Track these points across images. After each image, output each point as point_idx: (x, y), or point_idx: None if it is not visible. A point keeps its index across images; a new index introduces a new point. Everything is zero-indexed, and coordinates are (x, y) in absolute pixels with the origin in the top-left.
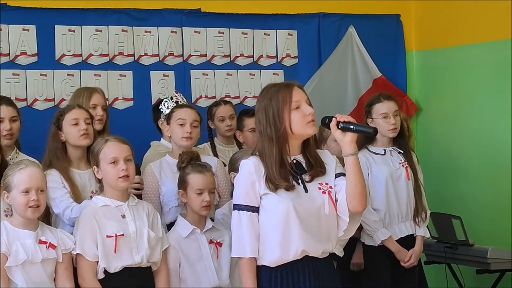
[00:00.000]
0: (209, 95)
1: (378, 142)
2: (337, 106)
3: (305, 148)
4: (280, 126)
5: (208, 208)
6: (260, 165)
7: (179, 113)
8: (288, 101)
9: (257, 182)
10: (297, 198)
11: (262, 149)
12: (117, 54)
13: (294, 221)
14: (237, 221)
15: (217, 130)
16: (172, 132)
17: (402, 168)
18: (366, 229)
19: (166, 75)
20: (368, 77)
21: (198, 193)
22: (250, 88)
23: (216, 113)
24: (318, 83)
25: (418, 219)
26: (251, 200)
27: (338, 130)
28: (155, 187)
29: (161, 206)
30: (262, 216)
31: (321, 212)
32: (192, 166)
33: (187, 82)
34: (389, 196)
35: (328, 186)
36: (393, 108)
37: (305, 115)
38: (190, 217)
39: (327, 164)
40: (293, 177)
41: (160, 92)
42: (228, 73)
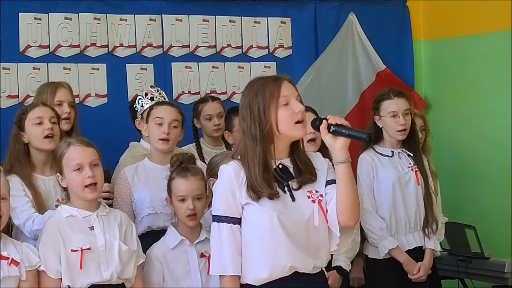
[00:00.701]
0: (192, 90)
1: (386, 142)
2: (336, 103)
3: (293, 151)
4: (265, 123)
5: (193, 218)
6: (240, 171)
7: (157, 111)
8: (275, 96)
9: (238, 190)
10: (283, 208)
11: (244, 150)
12: (89, 45)
13: (279, 234)
14: (216, 234)
15: (203, 130)
16: (149, 133)
17: (411, 172)
18: (371, 238)
19: (144, 69)
20: (371, 70)
21: (180, 200)
22: (238, 82)
23: (202, 111)
24: (314, 77)
25: (428, 230)
26: (232, 210)
27: (328, 134)
28: (127, 194)
29: (134, 215)
30: (245, 229)
31: (310, 224)
32: (177, 171)
33: (168, 76)
34: (396, 203)
35: (318, 194)
36: (404, 107)
37: (294, 113)
38: (180, 227)
39: (318, 170)
40: (279, 184)
41: (138, 87)
42: (213, 66)
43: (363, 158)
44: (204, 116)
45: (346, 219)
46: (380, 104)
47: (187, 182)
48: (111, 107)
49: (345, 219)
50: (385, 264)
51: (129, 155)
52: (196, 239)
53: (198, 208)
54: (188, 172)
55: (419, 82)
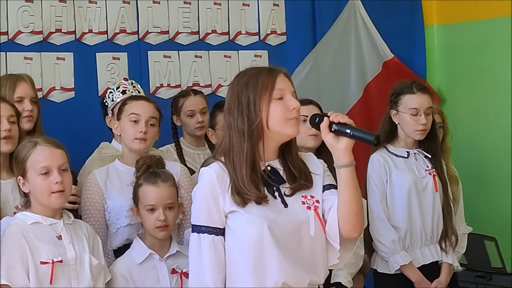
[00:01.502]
0: (172, 83)
1: (401, 142)
2: (336, 97)
3: (284, 153)
4: (254, 117)
5: (164, 229)
6: (224, 174)
7: (132, 106)
8: (269, 87)
9: (221, 197)
10: (273, 216)
11: (229, 147)
12: (53, 32)
13: (270, 245)
14: (196, 246)
15: (184, 127)
16: (123, 131)
17: (429, 177)
18: (381, 251)
19: (117, 58)
20: (377, 60)
21: (149, 210)
22: (225, 74)
23: (183, 106)
24: (312, 67)
25: (446, 244)
26: (213, 220)
27: (330, 133)
28: (99, 201)
29: (107, 226)
30: (229, 240)
31: (305, 233)
32: (145, 176)
33: (144, 66)
34: (412, 211)
35: (314, 200)
36: (426, 104)
37: (288, 109)
38: (148, 239)
39: (313, 173)
40: (268, 188)
41: (109, 79)
42: (196, 55)
43: (375, 159)
44: (185, 112)
45: (349, 230)
46: (400, 97)
47: (157, 189)
48: (79, 102)
49: (348, 230)
50: (396, 280)
51: (96, 157)
52: (166, 253)
53: (169, 218)
54: (158, 178)
55: (431, 72)
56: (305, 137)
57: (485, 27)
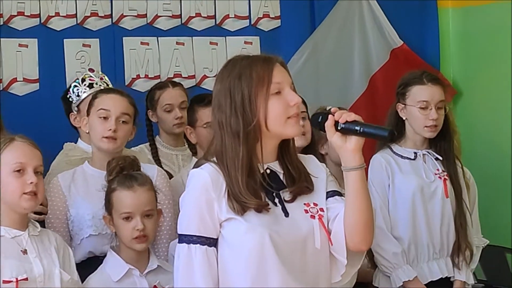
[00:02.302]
0: (150, 74)
1: (408, 141)
2: (337, 89)
3: (282, 153)
4: (251, 117)
5: (142, 240)
6: (219, 176)
7: (102, 101)
8: (266, 81)
9: (216, 202)
10: (275, 225)
11: (222, 149)
12: (15, 15)
13: (271, 258)
14: (186, 259)
15: (160, 124)
16: (91, 128)
17: (439, 181)
18: (382, 266)
19: (87, 45)
20: (384, 47)
21: (125, 219)
22: (210, 63)
23: (160, 100)
24: (310, 56)
25: (459, 259)
26: (207, 229)
27: (336, 132)
28: (61, 209)
29: (70, 236)
30: (224, 252)
31: (309, 245)
32: (119, 180)
33: (119, 55)
34: (417, 220)
35: (317, 208)
36: (438, 97)
37: (287, 105)
38: (124, 253)
39: (315, 177)
40: (267, 194)
41: (79, 69)
42: (178, 42)
43: (376, 160)
44: (162, 107)
45: (357, 242)
46: (408, 89)
47: (133, 194)
48: (44, 95)
49: (356, 242)
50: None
51: (63, 160)
52: (146, 268)
53: (148, 227)
54: (134, 181)
55: (446, 62)
56: None
57: (507, 10)
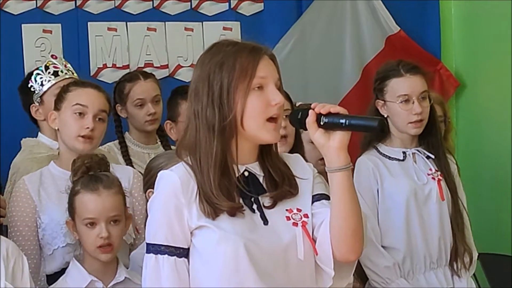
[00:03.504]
0: (118, 63)
1: (394, 140)
2: (327, 81)
3: (263, 154)
4: (227, 111)
5: (107, 249)
6: (190, 179)
7: (78, 95)
8: (249, 74)
9: (186, 209)
10: (251, 234)
11: (195, 141)
12: None
13: (247, 271)
14: (153, 271)
15: (131, 120)
16: (64, 125)
17: (433, 183)
18: (374, 281)
19: (48, 31)
20: (379, 34)
21: (88, 225)
22: (185, 51)
23: (131, 94)
24: (296, 44)
25: (458, 265)
26: (176, 238)
27: (319, 129)
28: (30, 215)
29: (41, 246)
30: (195, 264)
31: (291, 256)
32: (83, 181)
33: (83, 42)
34: (411, 228)
35: (301, 214)
36: (419, 88)
37: (268, 104)
38: (88, 263)
39: (300, 179)
40: (244, 199)
41: (39, 58)
42: (149, 28)
43: (362, 163)
44: (132, 102)
45: (345, 252)
46: (386, 83)
47: (98, 198)
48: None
49: (344, 252)
50: None
51: (27, 157)
52: (112, 280)
53: (114, 235)
54: (99, 183)
55: (448, 51)
56: None
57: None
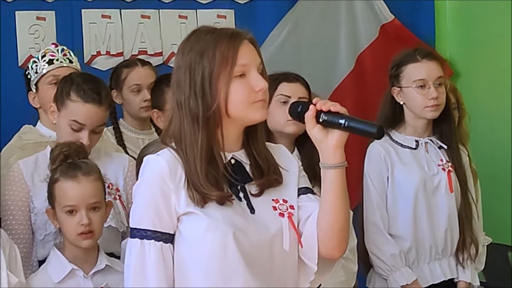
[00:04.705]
0: (112, 50)
1: (408, 127)
2: (321, 69)
3: (249, 142)
4: (210, 100)
5: (88, 236)
6: (177, 164)
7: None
8: (230, 63)
9: (174, 194)
10: (240, 223)
11: (180, 132)
12: None
13: (234, 260)
14: (138, 256)
15: (126, 106)
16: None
17: (443, 173)
18: (378, 268)
19: (42, 18)
20: (373, 22)
21: (68, 212)
22: (179, 38)
23: (127, 79)
24: (290, 32)
25: (464, 256)
26: (163, 223)
27: (317, 125)
28: (23, 199)
29: (33, 231)
30: (180, 250)
31: (276, 247)
32: (61, 169)
33: (77, 29)
34: (419, 217)
35: (287, 205)
36: (436, 73)
37: (252, 90)
38: (68, 251)
39: (285, 170)
40: (231, 187)
41: (32, 45)
42: (143, 15)
43: (374, 150)
44: (129, 87)
45: (330, 248)
46: (402, 69)
47: (77, 185)
48: None
49: (329, 248)
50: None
51: (16, 144)
52: (93, 268)
53: (95, 222)
54: (78, 170)
55: (442, 39)
56: (284, 121)
57: None
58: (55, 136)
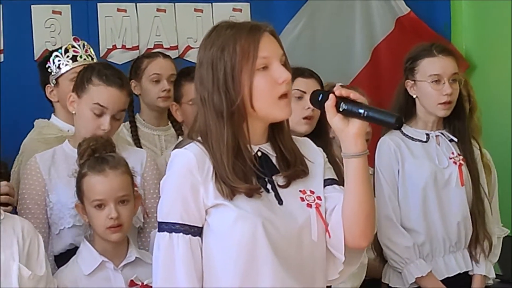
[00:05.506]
0: (128, 44)
1: (419, 122)
2: (337, 62)
3: (274, 135)
4: (234, 95)
5: (117, 229)
6: (205, 157)
7: (100, 94)
8: (251, 55)
9: (202, 186)
10: (268, 214)
11: (206, 128)
12: None
13: (264, 251)
14: (166, 250)
15: (143, 97)
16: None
17: (453, 167)
18: (393, 261)
19: (58, 12)
20: (388, 15)
21: (97, 206)
22: (195, 32)
23: (148, 69)
24: (306, 25)
25: (477, 250)
26: (191, 216)
27: (338, 114)
28: (39, 193)
29: (49, 225)
30: (209, 242)
31: (305, 237)
32: (89, 163)
33: (92, 23)
34: (430, 210)
35: (314, 196)
36: (451, 69)
37: (275, 82)
38: (99, 243)
39: (311, 162)
40: (258, 179)
41: (48, 39)
42: (159, 9)
43: (384, 144)
44: (149, 76)
45: (357, 237)
46: (417, 63)
47: (105, 179)
48: (9, 68)
49: (355, 237)
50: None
51: (36, 138)
52: (123, 260)
53: (123, 215)
54: (105, 164)
55: (457, 32)
56: (298, 119)
57: None
58: (73, 130)
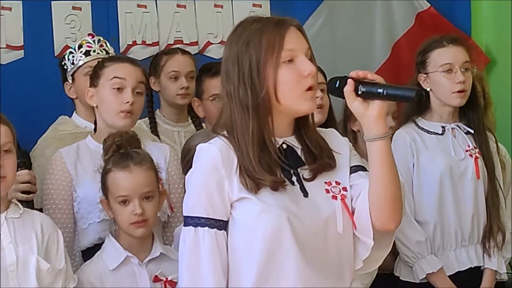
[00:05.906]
0: (148, 40)
1: (434, 114)
2: (357, 57)
3: (300, 128)
4: (259, 88)
5: (142, 225)
6: (230, 151)
7: (114, 69)
8: (276, 48)
9: (227, 181)
10: (293, 207)
11: (231, 122)
12: None
13: (288, 244)
14: (192, 244)
15: (163, 94)
16: (102, 101)
17: (470, 159)
18: (404, 255)
19: (78, 8)
20: (408, 11)
21: (122, 202)
22: (215, 28)
23: (166, 66)
24: (326, 21)
25: (490, 244)
26: (216, 210)
27: (357, 98)
28: (66, 188)
29: (75, 220)
30: (233, 236)
31: (331, 230)
32: (114, 159)
33: (113, 19)
34: (445, 204)
35: (340, 187)
36: (462, 58)
37: (300, 76)
38: (123, 239)
39: (338, 153)
40: (283, 172)
41: (68, 35)
42: (179, 5)
43: (399, 137)
44: (167, 73)
45: (384, 220)
46: (428, 55)
47: (129, 175)
48: (30, 64)
49: (383, 220)
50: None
51: (50, 134)
52: (147, 256)
53: (148, 211)
54: (130, 160)
55: (478, 27)
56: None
57: None
58: (91, 127)
